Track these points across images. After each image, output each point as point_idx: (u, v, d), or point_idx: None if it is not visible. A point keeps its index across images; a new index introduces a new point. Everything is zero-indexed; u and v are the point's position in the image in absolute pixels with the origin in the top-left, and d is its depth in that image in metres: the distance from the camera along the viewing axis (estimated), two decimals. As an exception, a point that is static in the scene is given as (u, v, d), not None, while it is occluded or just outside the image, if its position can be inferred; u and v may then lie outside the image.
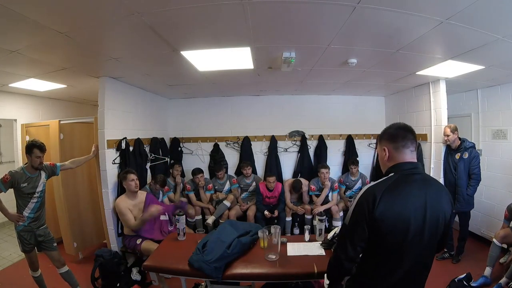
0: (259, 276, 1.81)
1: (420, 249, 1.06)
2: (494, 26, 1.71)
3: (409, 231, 1.02)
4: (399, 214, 1.02)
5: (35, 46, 1.98)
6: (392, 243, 1.05)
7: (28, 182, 2.23)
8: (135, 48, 2.15)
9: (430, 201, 1.05)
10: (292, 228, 3.78)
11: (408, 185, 1.07)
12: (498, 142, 3.37)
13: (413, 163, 1.12)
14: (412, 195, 1.05)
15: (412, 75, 3.02)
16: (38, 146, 2.22)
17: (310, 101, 4.54)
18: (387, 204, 1.02)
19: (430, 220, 1.04)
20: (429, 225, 1.04)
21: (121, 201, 2.68)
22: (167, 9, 1.51)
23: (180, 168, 3.92)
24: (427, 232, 1.04)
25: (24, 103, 3.75)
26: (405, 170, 1.10)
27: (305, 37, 1.97)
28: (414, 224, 1.02)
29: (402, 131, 1.15)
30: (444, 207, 1.09)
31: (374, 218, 1.02)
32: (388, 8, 1.51)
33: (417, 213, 1.03)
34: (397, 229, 1.03)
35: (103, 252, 2.65)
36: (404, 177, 1.09)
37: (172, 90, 3.88)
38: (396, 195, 1.04)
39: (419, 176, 1.11)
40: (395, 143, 1.14)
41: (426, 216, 1.04)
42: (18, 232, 2.25)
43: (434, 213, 1.05)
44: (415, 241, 1.04)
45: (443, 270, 2.91)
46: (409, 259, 1.06)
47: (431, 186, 1.10)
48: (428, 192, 1.07)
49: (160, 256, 2.03)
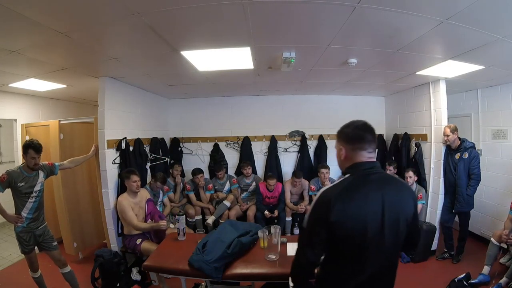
0: (259, 276, 1.81)
1: (382, 251, 1.02)
2: (494, 26, 1.71)
3: (367, 234, 0.99)
4: (355, 217, 0.99)
5: (35, 46, 1.98)
6: (351, 246, 1.02)
7: (26, 181, 2.20)
8: (135, 48, 2.15)
9: (388, 202, 1.01)
10: (292, 228, 3.78)
11: (364, 186, 1.04)
12: (498, 142, 3.37)
13: (370, 163, 1.08)
14: (368, 197, 1.01)
15: (412, 75, 3.02)
16: (34, 147, 2.16)
17: (310, 101, 4.54)
18: (343, 208, 0.99)
19: (390, 222, 1.00)
20: (389, 227, 1.00)
21: (123, 199, 2.69)
22: (167, 9, 1.51)
23: (180, 168, 3.92)
24: (387, 234, 1.00)
25: (24, 103, 3.74)
26: (362, 171, 1.07)
27: (305, 37, 1.97)
28: (371, 226, 0.99)
29: (360, 132, 1.10)
30: (405, 207, 1.06)
31: (330, 222, 0.99)
32: (388, 8, 1.51)
33: (374, 215, 1.00)
34: (354, 233, 0.99)
35: (103, 252, 2.65)
36: (361, 178, 1.06)
37: (172, 90, 3.88)
38: (352, 198, 1.01)
39: (376, 176, 1.07)
40: (352, 145, 1.10)
41: (385, 218, 1.00)
42: (17, 233, 2.24)
43: (394, 214, 1.01)
44: (375, 243, 1.00)
45: (443, 270, 2.91)
46: (371, 262, 1.02)
47: (390, 186, 1.06)
48: (386, 192, 1.03)
49: (160, 256, 2.03)
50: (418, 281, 2.75)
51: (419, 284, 2.71)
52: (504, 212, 3.02)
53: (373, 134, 1.11)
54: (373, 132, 1.12)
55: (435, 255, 3.22)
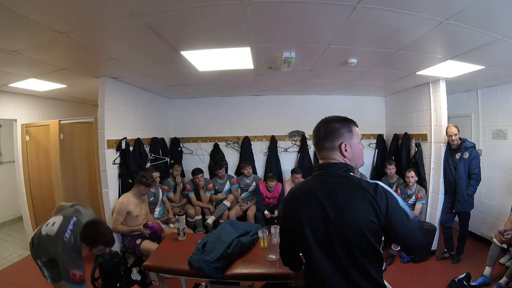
0: (259, 276, 1.81)
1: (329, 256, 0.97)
2: (494, 26, 1.71)
3: (308, 237, 0.99)
4: (292, 216, 1.06)
5: (35, 46, 1.98)
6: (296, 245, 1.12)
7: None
8: (135, 48, 2.15)
9: (331, 206, 0.96)
10: (292, 228, 3.78)
11: (307, 189, 1.04)
12: (498, 142, 3.37)
13: (320, 166, 1.05)
14: (309, 199, 1.01)
15: (412, 75, 3.02)
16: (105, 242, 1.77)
17: (310, 101, 4.53)
18: (286, 208, 1.12)
19: (336, 227, 0.95)
20: (335, 232, 0.95)
21: (124, 200, 2.68)
22: (167, 9, 1.51)
23: (180, 168, 3.92)
24: (333, 240, 0.95)
25: (24, 103, 3.74)
26: (314, 172, 1.07)
27: (305, 37, 1.97)
28: (309, 228, 0.98)
29: (317, 128, 1.07)
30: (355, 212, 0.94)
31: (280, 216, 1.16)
32: (388, 8, 1.51)
33: (312, 217, 0.99)
34: (293, 231, 1.07)
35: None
36: (310, 180, 1.07)
37: (172, 90, 3.88)
38: (294, 198, 1.08)
39: (333, 179, 1.01)
40: (314, 142, 1.09)
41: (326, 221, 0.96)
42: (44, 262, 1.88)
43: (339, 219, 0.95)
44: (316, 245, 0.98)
45: (443, 270, 2.91)
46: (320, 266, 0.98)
47: (338, 190, 0.99)
48: (331, 196, 0.97)
49: (160, 256, 2.04)
50: (418, 281, 2.75)
51: (419, 284, 2.71)
52: (504, 212, 3.03)
53: (327, 124, 1.05)
54: (328, 121, 1.05)
55: (435, 255, 3.22)
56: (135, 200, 2.73)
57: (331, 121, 1.06)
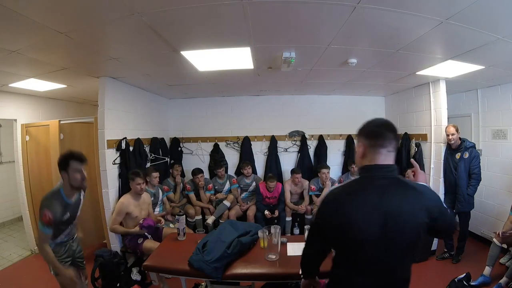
0: (259, 276, 1.82)
1: (382, 258, 0.99)
2: (494, 26, 1.71)
3: (363, 240, 0.98)
4: (348, 220, 0.99)
5: (35, 46, 1.97)
6: (346, 248, 1.04)
7: (68, 210, 1.83)
8: (135, 48, 2.15)
9: (389, 209, 0.96)
10: (292, 228, 3.78)
11: (365, 190, 1.01)
12: (498, 142, 3.37)
13: (381, 167, 1.02)
14: (366, 202, 0.99)
15: (412, 75, 3.02)
16: (76, 157, 1.74)
17: (310, 101, 4.54)
18: (335, 209, 1.03)
19: (391, 229, 0.96)
20: (389, 234, 0.96)
21: (124, 200, 2.69)
22: (167, 9, 1.51)
23: (180, 168, 3.92)
24: (388, 241, 0.97)
25: (24, 103, 3.74)
26: (371, 174, 1.03)
27: (305, 37, 1.97)
28: (365, 231, 0.97)
29: (382, 129, 1.05)
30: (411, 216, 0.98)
31: (326, 221, 1.05)
32: (388, 8, 1.51)
33: (369, 220, 0.97)
34: (347, 235, 1.00)
35: (103, 252, 2.66)
36: (367, 181, 1.03)
37: (172, 90, 3.88)
38: (348, 202, 1.01)
39: (384, 181, 1.01)
40: (372, 141, 1.04)
41: (384, 225, 0.96)
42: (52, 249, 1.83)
43: (397, 223, 0.96)
44: (372, 248, 0.98)
45: (443, 270, 2.91)
46: (370, 268, 1.00)
47: (396, 193, 1.00)
48: (389, 200, 0.98)
49: (160, 256, 2.04)
50: (418, 281, 2.75)
51: (419, 284, 2.70)
52: (504, 212, 3.03)
53: (395, 133, 1.04)
54: (395, 131, 1.05)
55: (435, 255, 3.22)
56: (134, 201, 2.73)
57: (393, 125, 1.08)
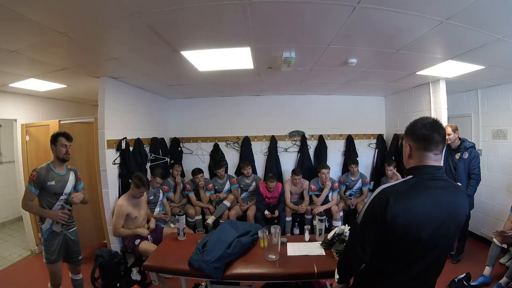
0: (259, 276, 1.81)
1: (432, 256, 1.03)
2: (494, 26, 1.71)
3: (421, 239, 0.98)
4: (412, 221, 0.97)
5: (35, 46, 1.97)
6: (402, 248, 1.01)
7: (56, 180, 2.04)
8: (135, 48, 2.15)
9: (446, 210, 1.00)
10: (292, 228, 3.78)
11: (425, 191, 1.01)
12: (498, 142, 3.37)
13: (435, 168, 1.03)
14: (427, 202, 0.99)
15: (412, 75, 3.02)
16: (64, 134, 2.07)
17: (310, 101, 4.54)
18: (400, 209, 0.97)
19: (444, 229, 1.00)
20: (442, 234, 1.00)
21: (123, 202, 2.68)
22: (167, 9, 1.51)
23: (180, 168, 3.92)
24: (441, 240, 1.01)
25: (24, 103, 3.74)
26: (426, 175, 1.02)
27: (305, 37, 1.97)
28: (427, 232, 0.98)
29: (428, 132, 1.03)
30: (459, 216, 1.04)
31: (385, 221, 0.98)
32: (388, 8, 1.51)
33: (432, 222, 0.98)
34: (408, 237, 0.98)
35: (103, 252, 2.65)
36: (424, 181, 1.02)
37: (172, 90, 3.88)
38: (410, 201, 0.98)
39: (442, 183, 1.03)
40: (418, 143, 1.05)
41: (441, 226, 0.99)
42: (44, 237, 2.05)
43: (449, 223, 1.01)
44: (428, 248, 1.00)
45: (443, 270, 2.90)
46: (419, 265, 1.02)
47: (451, 194, 1.03)
48: (447, 201, 1.01)
49: (160, 256, 2.04)
50: (418, 281, 2.75)
51: (419, 284, 2.70)
52: (504, 212, 3.03)
53: (442, 134, 1.04)
54: (442, 132, 1.04)
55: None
56: (133, 202, 2.73)
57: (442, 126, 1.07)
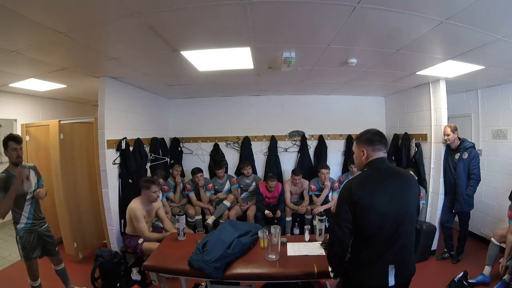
0: (259, 276, 1.82)
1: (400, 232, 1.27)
2: (494, 26, 1.71)
3: (383, 213, 1.25)
4: (370, 199, 1.26)
5: (35, 46, 1.98)
6: (370, 223, 1.27)
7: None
8: (135, 48, 2.15)
9: (399, 189, 1.30)
10: (292, 228, 3.78)
11: (378, 176, 1.33)
12: (498, 142, 3.37)
13: (382, 159, 1.38)
14: (382, 183, 1.31)
15: (412, 75, 3.02)
16: (13, 138, 2.08)
17: (310, 101, 4.54)
18: (361, 191, 1.28)
19: (402, 206, 1.28)
20: (402, 211, 1.28)
21: (136, 206, 2.59)
22: (167, 9, 1.51)
23: (180, 168, 3.92)
24: (399, 216, 1.27)
25: (24, 103, 3.75)
26: (377, 165, 1.36)
27: (305, 37, 1.97)
28: (385, 208, 1.25)
29: (378, 137, 1.40)
30: (411, 197, 1.33)
31: (352, 200, 1.27)
32: (388, 8, 1.51)
33: (387, 199, 1.27)
34: (371, 211, 1.26)
35: (103, 252, 2.65)
36: (376, 170, 1.36)
37: (172, 90, 3.88)
38: (368, 184, 1.31)
39: (389, 170, 1.37)
40: (373, 146, 1.38)
41: (398, 203, 1.27)
42: (19, 236, 2.15)
43: (405, 200, 1.30)
44: (390, 223, 1.26)
45: (443, 270, 2.91)
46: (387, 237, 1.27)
47: (400, 177, 1.36)
48: (398, 182, 1.32)
49: (160, 256, 2.04)
50: (418, 281, 2.74)
51: (419, 284, 2.69)
52: (504, 212, 3.01)
53: (385, 138, 1.43)
54: (384, 136, 1.43)
55: (435, 255, 3.22)
56: (144, 208, 2.64)
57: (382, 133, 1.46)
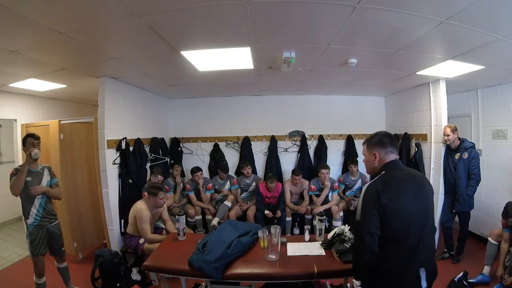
0: (259, 276, 1.81)
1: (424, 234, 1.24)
2: (494, 26, 1.71)
3: (411, 214, 1.22)
4: (400, 200, 1.23)
5: (35, 46, 1.98)
6: (399, 226, 1.22)
7: (32, 176, 2.22)
8: (135, 48, 2.15)
9: (417, 191, 1.29)
10: (292, 228, 3.78)
11: (399, 178, 1.31)
12: (498, 142, 3.37)
13: (395, 161, 1.37)
14: (404, 186, 1.28)
15: (412, 75, 3.02)
16: (31, 135, 2.28)
17: (310, 101, 4.54)
18: (390, 193, 1.23)
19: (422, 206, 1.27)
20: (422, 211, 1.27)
21: (143, 207, 2.58)
22: (167, 9, 1.51)
23: (180, 168, 3.92)
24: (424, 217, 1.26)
25: (24, 103, 3.74)
26: (393, 167, 1.35)
27: (305, 37, 1.97)
28: (411, 208, 1.23)
29: (389, 139, 1.39)
30: (429, 198, 1.33)
31: (381, 203, 1.20)
32: (388, 8, 1.51)
33: (410, 201, 1.24)
34: (402, 212, 1.22)
35: (103, 252, 2.65)
36: (395, 171, 1.33)
37: (172, 90, 3.88)
38: (394, 186, 1.27)
39: (405, 172, 1.36)
40: (385, 149, 1.37)
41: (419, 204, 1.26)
42: (29, 231, 2.22)
43: (424, 201, 1.29)
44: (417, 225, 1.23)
45: (443, 270, 2.90)
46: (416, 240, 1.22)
47: (417, 178, 1.35)
48: (416, 182, 1.32)
49: (160, 256, 2.03)
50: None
51: (419, 284, 2.70)
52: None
53: (395, 140, 1.43)
54: (394, 138, 1.43)
55: (435, 255, 3.21)
56: (149, 211, 2.62)
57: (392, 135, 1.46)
